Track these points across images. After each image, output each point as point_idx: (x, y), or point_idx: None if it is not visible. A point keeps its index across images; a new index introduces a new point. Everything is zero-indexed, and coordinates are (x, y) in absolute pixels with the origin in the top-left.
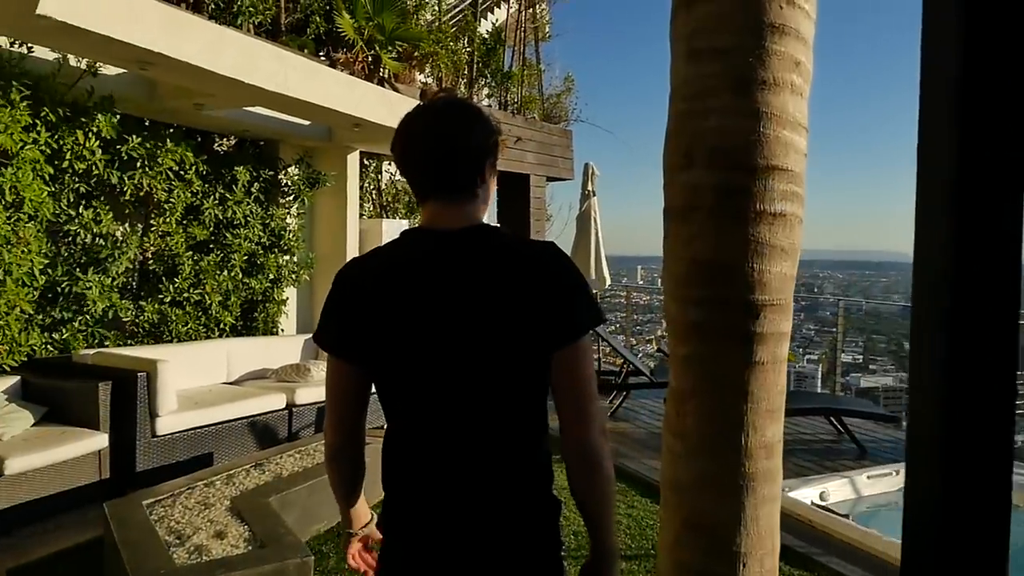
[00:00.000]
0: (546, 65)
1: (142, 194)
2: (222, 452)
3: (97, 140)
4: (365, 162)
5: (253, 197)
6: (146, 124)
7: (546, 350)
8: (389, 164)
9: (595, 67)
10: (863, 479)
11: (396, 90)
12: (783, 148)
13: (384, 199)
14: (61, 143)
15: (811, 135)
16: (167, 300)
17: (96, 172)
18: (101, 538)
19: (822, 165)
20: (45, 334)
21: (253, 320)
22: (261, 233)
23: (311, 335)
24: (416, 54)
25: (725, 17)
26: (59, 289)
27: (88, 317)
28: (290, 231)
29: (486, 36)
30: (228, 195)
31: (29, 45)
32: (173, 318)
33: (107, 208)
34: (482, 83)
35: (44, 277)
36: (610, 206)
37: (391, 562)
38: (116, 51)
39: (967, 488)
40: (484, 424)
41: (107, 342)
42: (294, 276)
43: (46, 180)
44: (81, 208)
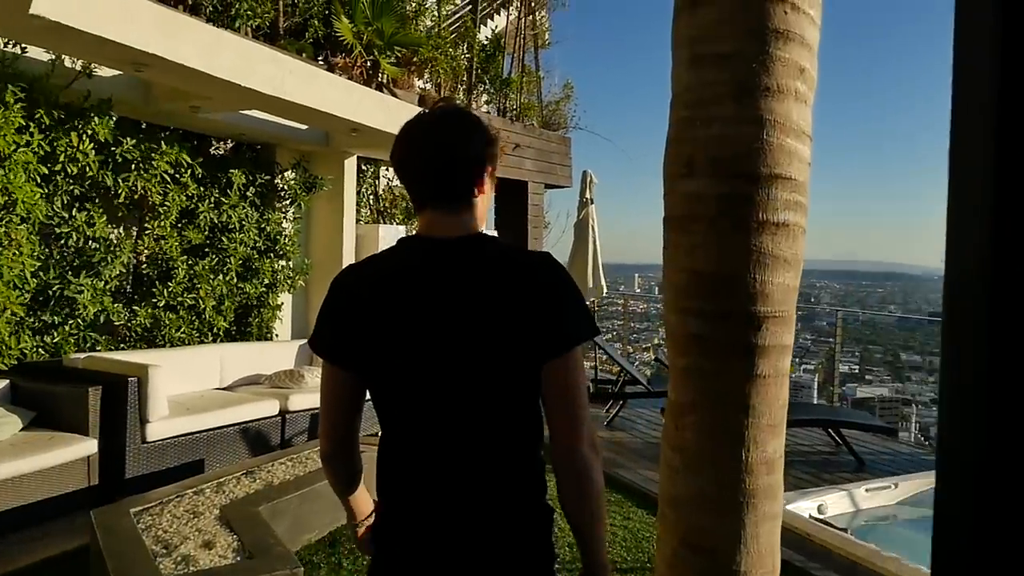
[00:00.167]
0: (545, 72)
1: (136, 197)
2: (213, 459)
3: (91, 143)
4: (363, 167)
5: (249, 201)
6: (142, 127)
7: (537, 360)
8: (387, 169)
9: (594, 75)
10: (861, 492)
11: (394, 95)
12: (786, 157)
13: (381, 204)
14: (55, 145)
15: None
16: (161, 304)
17: (90, 174)
18: (88, 546)
19: (818, 172)
20: (36, 337)
21: (247, 325)
22: (256, 237)
23: (306, 341)
24: (415, 60)
25: (728, 22)
26: (50, 292)
27: (79, 321)
28: (286, 236)
29: (485, 42)
30: (223, 199)
31: (23, 46)
32: (167, 322)
33: (100, 211)
34: (481, 89)
35: (36, 280)
36: (608, 214)
37: (382, 570)
38: (110, 52)
39: (1003, 504)
40: (476, 433)
41: (99, 346)
42: (289, 281)
43: (39, 182)
44: (74, 211)
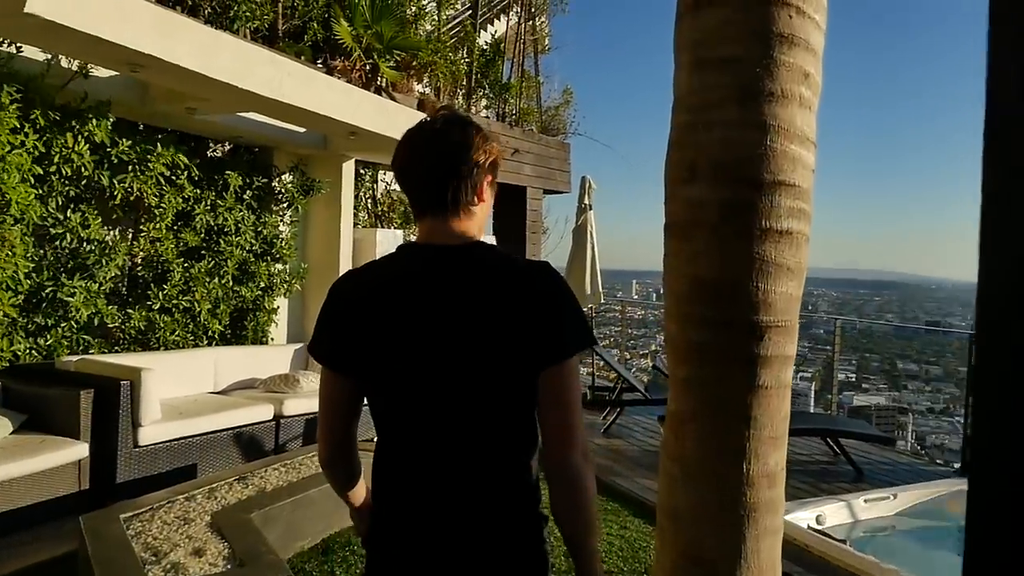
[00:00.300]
0: (545, 77)
1: (132, 199)
2: (206, 464)
3: (87, 144)
4: (361, 171)
5: (246, 204)
6: (139, 128)
7: (534, 368)
8: (385, 173)
9: (594, 80)
10: (860, 503)
11: (393, 99)
12: (790, 163)
13: (379, 209)
14: (50, 145)
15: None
16: (155, 307)
17: (86, 173)
18: (76, 552)
19: (819, 179)
20: (30, 339)
21: (243, 329)
22: (253, 240)
23: (301, 345)
24: (414, 63)
25: (732, 26)
26: (44, 294)
27: (73, 323)
28: (282, 239)
29: (485, 47)
30: (220, 201)
31: (18, 45)
32: (161, 325)
33: (95, 213)
34: (480, 94)
35: (29, 282)
36: (606, 220)
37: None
38: (106, 52)
39: None
40: (471, 440)
41: (91, 349)
42: (286, 285)
43: (33, 183)
44: (69, 212)
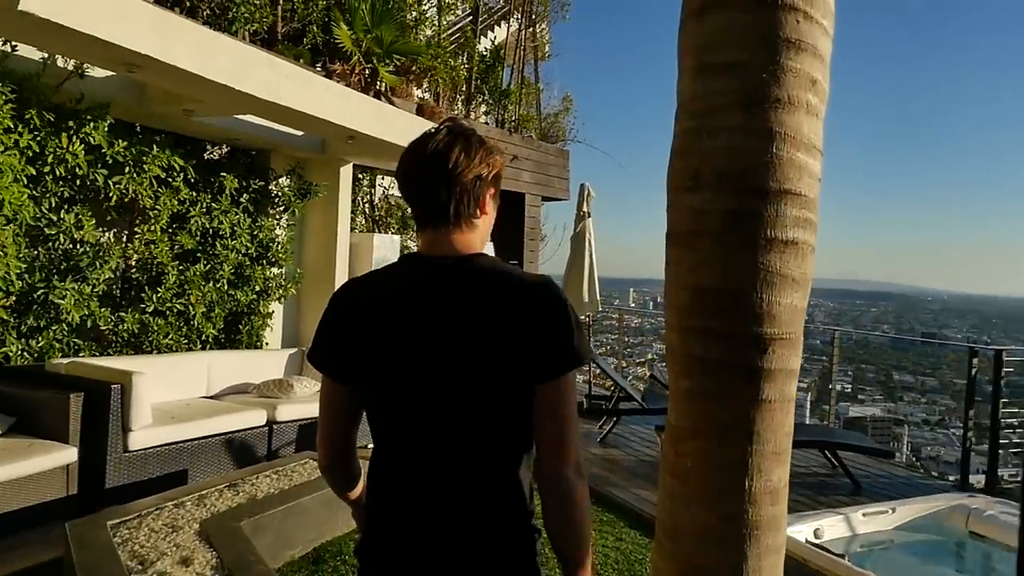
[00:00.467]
0: (544, 84)
1: (127, 200)
2: (197, 470)
3: (82, 144)
4: (358, 175)
5: (242, 207)
6: (136, 129)
7: (530, 382)
8: (383, 178)
9: (594, 88)
10: (858, 517)
11: (392, 104)
12: (797, 171)
13: (377, 213)
14: (43, 145)
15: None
16: (149, 310)
17: (80, 172)
18: (62, 559)
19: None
20: (21, 341)
21: (237, 333)
22: (249, 244)
23: (296, 349)
24: (414, 68)
25: (738, 30)
26: (35, 296)
27: (65, 326)
28: (279, 243)
29: (485, 53)
30: (215, 204)
31: (13, 43)
32: (155, 328)
33: (89, 214)
34: (480, 100)
35: (20, 283)
36: (605, 228)
37: None
38: (102, 52)
39: None
40: (465, 451)
41: (81, 352)
42: (281, 290)
43: (26, 183)
44: (63, 212)
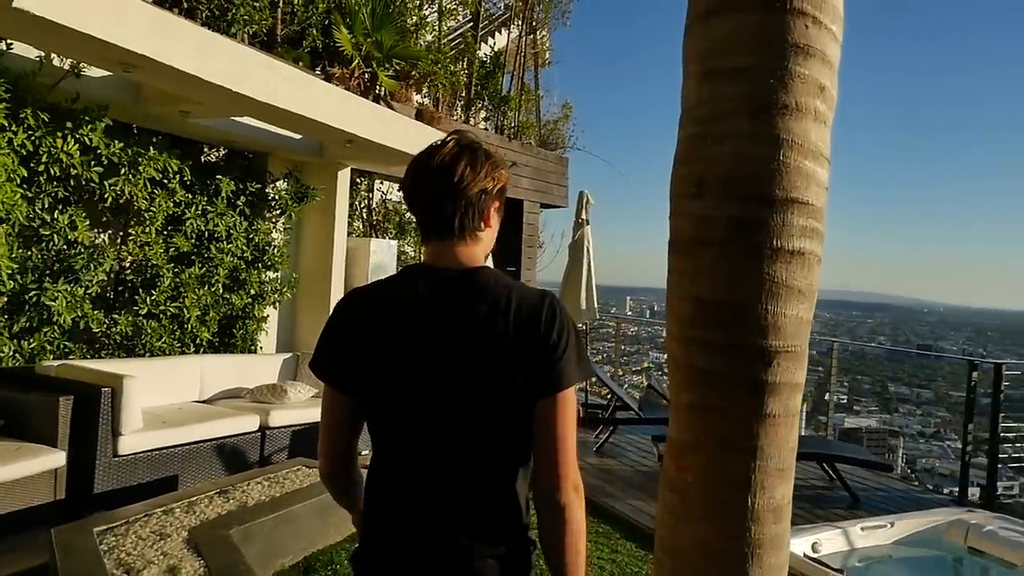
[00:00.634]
0: (544, 91)
1: (122, 201)
2: (188, 475)
3: (76, 144)
4: (356, 180)
5: (238, 210)
6: (132, 130)
7: (529, 398)
8: (381, 182)
9: (594, 96)
10: (857, 530)
11: (392, 108)
12: (804, 180)
13: (374, 218)
14: (38, 145)
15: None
16: (143, 312)
17: (75, 172)
18: (47, 565)
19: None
20: (13, 342)
21: (231, 337)
22: (244, 247)
23: (290, 354)
24: (414, 73)
25: (745, 35)
26: (27, 297)
27: (56, 328)
28: (275, 246)
29: (485, 59)
30: (211, 207)
31: (8, 41)
32: (148, 331)
33: (84, 215)
34: (479, 106)
35: (12, 283)
36: (602, 236)
37: None
38: (98, 51)
39: None
40: (462, 463)
41: (72, 354)
42: (277, 294)
43: (19, 183)
44: (57, 213)
